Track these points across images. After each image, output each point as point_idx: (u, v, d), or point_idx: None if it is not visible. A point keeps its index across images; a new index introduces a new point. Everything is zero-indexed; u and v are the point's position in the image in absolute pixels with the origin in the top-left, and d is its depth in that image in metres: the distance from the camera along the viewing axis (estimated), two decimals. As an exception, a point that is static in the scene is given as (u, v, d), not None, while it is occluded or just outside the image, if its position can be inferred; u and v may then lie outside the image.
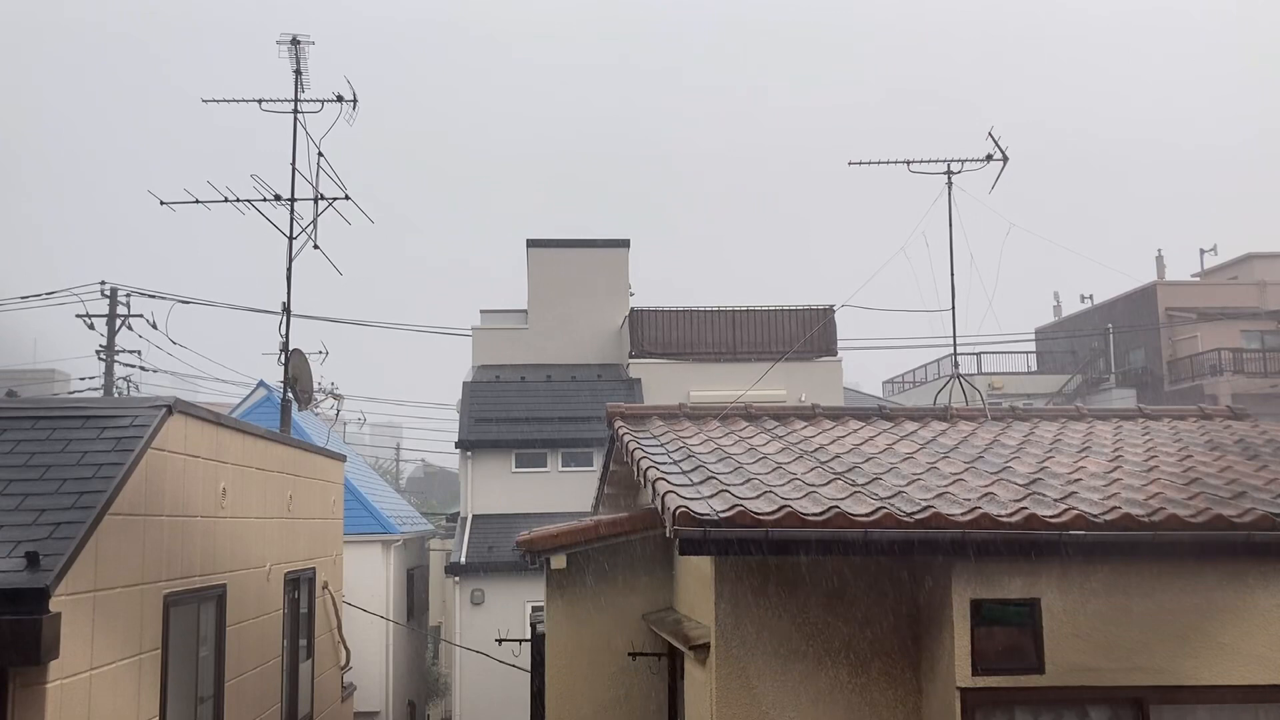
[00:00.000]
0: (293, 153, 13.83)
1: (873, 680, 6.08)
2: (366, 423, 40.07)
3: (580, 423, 21.63)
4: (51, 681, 6.05)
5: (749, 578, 6.04)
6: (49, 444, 7.28)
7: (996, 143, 10.82)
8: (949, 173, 11.00)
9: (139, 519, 7.34)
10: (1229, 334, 35.18)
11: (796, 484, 6.24)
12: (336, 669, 14.32)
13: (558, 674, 8.54)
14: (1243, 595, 5.70)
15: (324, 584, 13.35)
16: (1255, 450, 7.70)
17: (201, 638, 8.75)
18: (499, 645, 14.74)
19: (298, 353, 14.33)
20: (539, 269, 26.40)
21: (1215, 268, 41.65)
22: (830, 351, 24.26)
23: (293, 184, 13.83)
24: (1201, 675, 5.64)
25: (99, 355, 25.81)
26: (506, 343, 25.97)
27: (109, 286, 25.39)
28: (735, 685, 5.98)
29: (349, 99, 13.69)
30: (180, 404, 8.21)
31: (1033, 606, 5.63)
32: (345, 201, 13.92)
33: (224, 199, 13.61)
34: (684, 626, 7.15)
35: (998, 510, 5.62)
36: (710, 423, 8.74)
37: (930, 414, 9.25)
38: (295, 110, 13.91)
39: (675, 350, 24.09)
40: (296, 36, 13.99)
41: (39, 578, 5.88)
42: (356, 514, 18.66)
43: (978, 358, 39.81)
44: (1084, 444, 7.94)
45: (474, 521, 21.17)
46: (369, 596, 18.08)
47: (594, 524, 8.61)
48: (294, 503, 11.71)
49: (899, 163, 11.18)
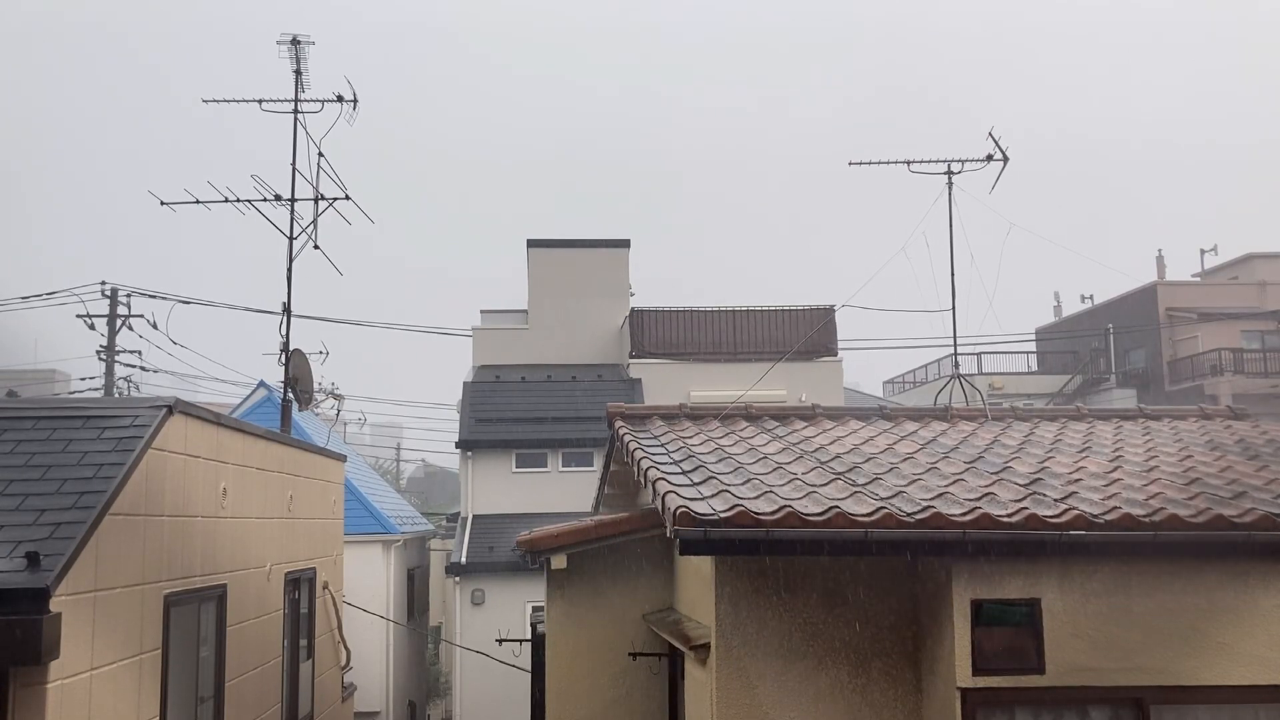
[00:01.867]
0: (293, 153, 13.85)
1: (873, 680, 6.09)
2: (366, 423, 40.11)
3: (580, 423, 21.63)
4: (52, 681, 6.06)
5: (749, 578, 6.04)
6: (49, 444, 7.28)
7: (997, 143, 10.84)
8: (949, 173, 11.01)
9: (139, 519, 7.34)
10: (1229, 334, 35.17)
11: (797, 484, 6.24)
12: (337, 669, 14.32)
13: (558, 674, 8.54)
14: (1243, 595, 5.70)
15: (324, 584, 13.35)
16: (1255, 450, 7.70)
17: (202, 638, 8.75)
18: (499, 645, 14.74)
19: (298, 353, 14.33)
20: (539, 269, 26.40)
21: (1215, 268, 41.64)
22: (830, 351, 24.27)
23: (293, 184, 13.84)
24: (1202, 675, 5.64)
25: (99, 355, 25.81)
26: (507, 343, 25.97)
27: (109, 287, 25.41)
28: (735, 685, 5.98)
29: (349, 99, 13.70)
30: (180, 404, 8.21)
31: (1033, 606, 5.63)
32: (345, 202, 13.94)
33: (224, 199, 13.61)
34: (684, 626, 7.15)
35: (998, 510, 5.62)
36: (710, 423, 8.74)
37: (930, 414, 9.25)
38: (295, 110, 13.91)
39: (675, 350, 24.09)
40: (296, 37, 14.00)
41: (39, 578, 5.88)
42: (357, 514, 18.66)
43: (978, 358, 39.82)
44: (1084, 444, 7.94)
45: (474, 521, 21.18)
46: (369, 596, 18.08)
47: (594, 524, 8.61)
48: (294, 503, 11.71)
49: (899, 163, 11.19)
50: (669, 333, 24.30)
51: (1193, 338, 35.63)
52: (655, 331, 24.28)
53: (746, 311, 24.56)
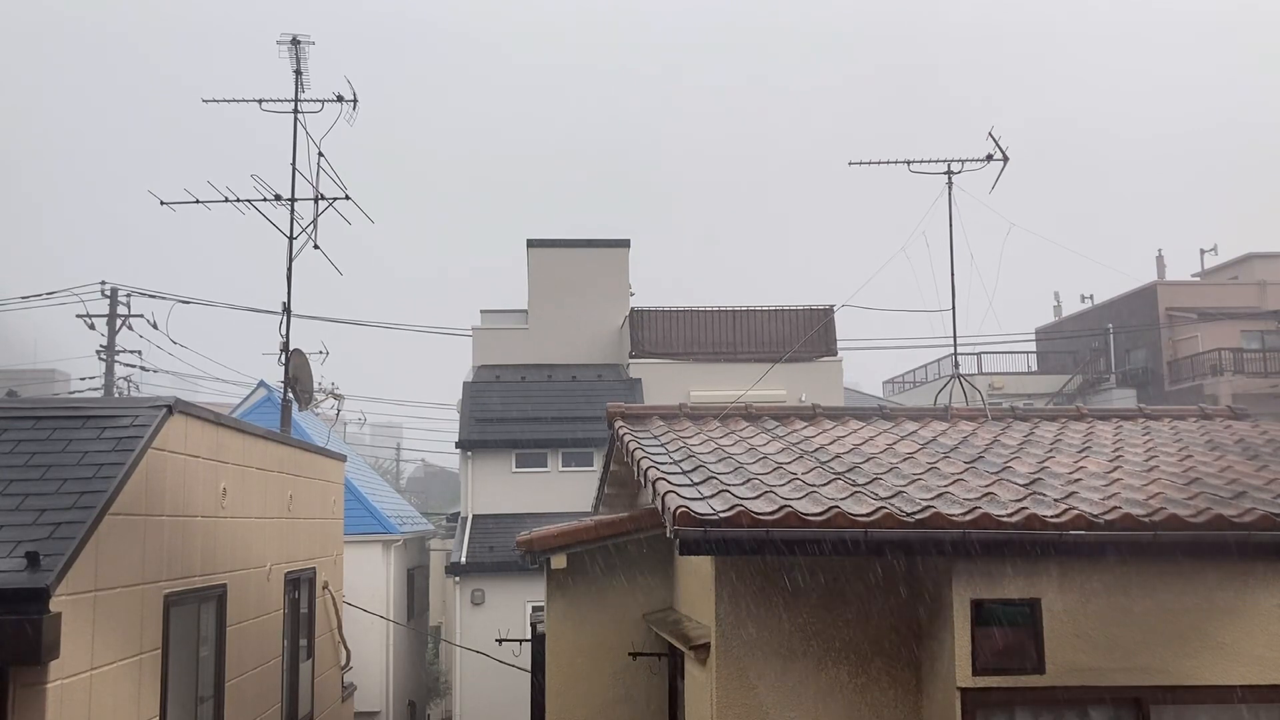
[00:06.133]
0: (293, 153, 13.87)
1: (873, 680, 6.09)
2: (366, 423, 40.15)
3: (580, 423, 21.63)
4: (52, 681, 6.06)
5: (749, 578, 6.04)
6: (49, 444, 7.28)
7: (997, 143, 10.85)
8: (949, 173, 11.03)
9: (139, 519, 7.34)
10: (1229, 334, 35.18)
11: (797, 484, 6.24)
12: (336, 669, 14.33)
13: (558, 674, 8.54)
14: (1243, 595, 5.70)
15: (324, 584, 13.35)
16: (1255, 450, 7.70)
17: (202, 638, 8.75)
18: (499, 645, 14.74)
19: (298, 353, 14.34)
20: (539, 269, 26.40)
21: (1215, 268, 41.67)
22: (830, 351, 24.27)
23: (293, 184, 13.86)
24: (1202, 675, 5.64)
25: (99, 355, 25.84)
26: (507, 343, 25.97)
27: (109, 286, 25.45)
28: (735, 685, 5.98)
29: (349, 99, 13.71)
30: (180, 404, 8.21)
31: (1033, 606, 5.63)
32: (345, 202, 13.95)
33: (224, 199, 13.63)
34: (684, 626, 7.15)
35: (998, 510, 5.62)
36: (710, 423, 8.74)
37: (930, 414, 9.25)
38: (295, 110, 13.93)
39: (675, 350, 24.09)
40: (297, 36, 14.01)
41: (39, 578, 5.89)
42: (357, 514, 18.67)
43: (978, 358, 39.83)
44: (1084, 444, 7.94)
45: (474, 521, 21.18)
46: (369, 596, 18.09)
47: (594, 524, 8.61)
48: (294, 503, 11.71)
49: (899, 163, 11.21)
50: (669, 333, 24.30)
51: (1192, 338, 35.64)
52: (655, 331, 24.28)
53: (746, 311, 24.57)
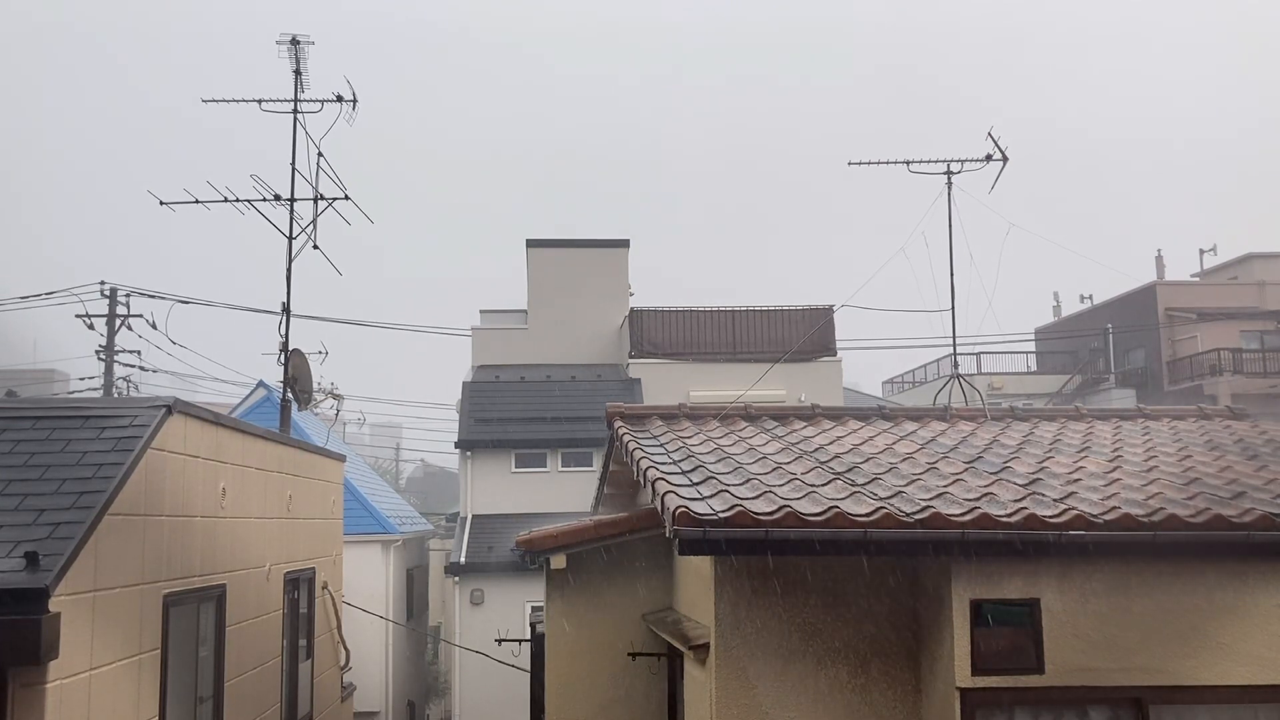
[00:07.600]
0: (292, 153, 13.86)
1: (872, 680, 6.08)
2: (366, 423, 40.05)
3: (580, 423, 21.63)
4: (51, 681, 6.06)
5: (749, 578, 6.04)
6: (49, 444, 7.28)
7: (996, 143, 10.85)
8: (949, 173, 11.03)
9: (139, 519, 7.34)
10: (1229, 334, 35.18)
11: (796, 484, 6.24)
12: (336, 669, 14.33)
13: (557, 674, 8.54)
14: (1243, 595, 5.70)
15: (324, 584, 13.35)
16: (1255, 450, 7.70)
17: (201, 638, 8.75)
18: (499, 645, 14.75)
19: (297, 353, 14.33)
20: (539, 269, 26.41)
21: (1215, 268, 41.67)
22: (830, 351, 24.28)
23: (292, 184, 13.85)
24: (1201, 675, 5.64)
25: (99, 355, 25.81)
26: (506, 343, 25.98)
27: (109, 286, 25.40)
28: (735, 685, 5.98)
29: (349, 99, 13.70)
30: (180, 404, 8.21)
31: (1032, 607, 5.63)
32: (345, 202, 13.94)
33: (224, 199, 13.62)
34: (684, 626, 7.15)
35: (997, 510, 5.62)
36: (710, 423, 8.74)
37: (930, 414, 9.25)
38: (295, 110, 13.92)
39: (675, 350, 24.09)
40: (296, 36, 14.00)
41: (39, 578, 5.89)
42: (356, 514, 18.68)
43: (978, 358, 39.84)
44: (1084, 444, 7.94)
45: (474, 521, 21.18)
46: (369, 596, 18.09)
47: (594, 524, 8.61)
48: (294, 503, 11.71)
49: (899, 163, 11.21)
50: (668, 333, 24.31)
51: (1192, 338, 35.64)
52: (655, 331, 24.29)
53: (746, 311, 24.57)
